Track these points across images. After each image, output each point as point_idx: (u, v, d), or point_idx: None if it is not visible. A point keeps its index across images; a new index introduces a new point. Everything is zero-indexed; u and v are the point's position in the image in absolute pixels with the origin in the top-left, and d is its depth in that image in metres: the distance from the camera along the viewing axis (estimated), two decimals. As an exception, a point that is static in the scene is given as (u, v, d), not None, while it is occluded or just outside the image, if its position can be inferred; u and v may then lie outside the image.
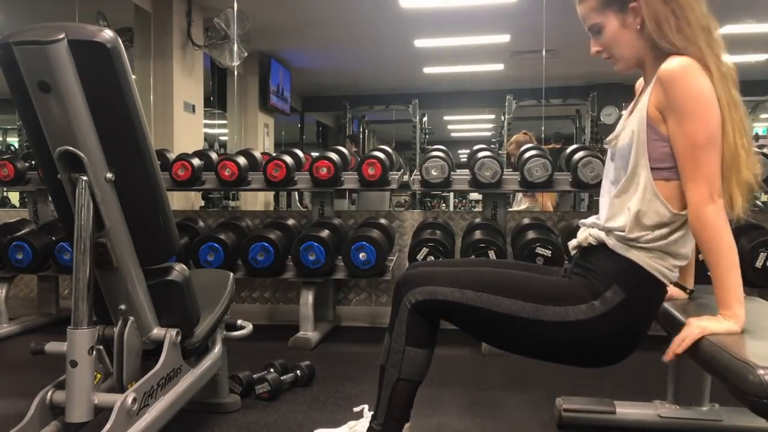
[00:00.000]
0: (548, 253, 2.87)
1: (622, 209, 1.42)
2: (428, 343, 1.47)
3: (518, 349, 1.51)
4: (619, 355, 1.45)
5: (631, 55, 1.44)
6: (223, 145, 8.40)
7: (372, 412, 1.53)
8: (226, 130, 8.06)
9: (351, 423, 1.82)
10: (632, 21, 1.40)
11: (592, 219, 1.52)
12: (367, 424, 1.56)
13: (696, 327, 1.30)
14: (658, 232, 1.38)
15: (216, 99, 7.31)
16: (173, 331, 1.69)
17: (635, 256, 1.39)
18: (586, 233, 1.48)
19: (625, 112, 1.50)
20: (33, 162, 3.63)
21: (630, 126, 1.43)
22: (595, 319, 1.38)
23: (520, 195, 4.56)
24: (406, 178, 3.69)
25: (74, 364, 1.49)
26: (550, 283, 1.46)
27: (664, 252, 1.39)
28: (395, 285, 1.51)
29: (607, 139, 1.53)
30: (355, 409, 1.93)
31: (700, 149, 1.32)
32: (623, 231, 1.40)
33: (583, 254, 1.49)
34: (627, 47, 1.43)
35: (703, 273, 1.50)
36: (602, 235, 1.44)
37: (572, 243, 1.52)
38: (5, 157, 3.68)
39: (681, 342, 1.30)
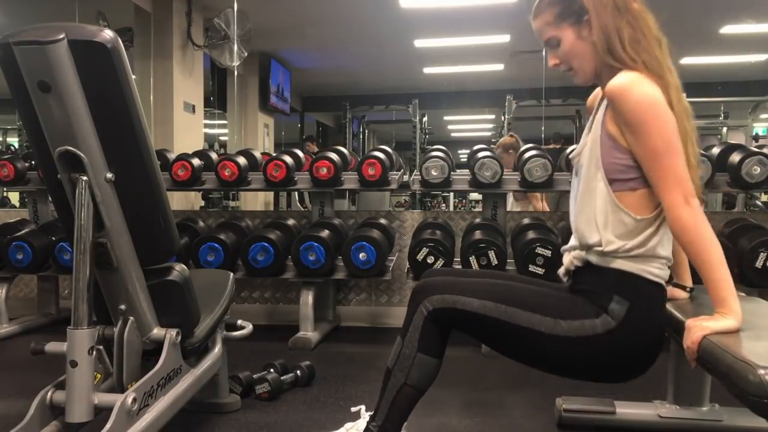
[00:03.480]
0: (548, 253, 2.87)
1: (590, 225, 1.43)
2: (439, 353, 1.47)
3: (538, 363, 1.52)
4: (644, 364, 1.46)
5: (589, 67, 1.46)
6: (223, 145, 8.39)
7: (369, 413, 1.53)
8: (226, 130, 8.05)
9: (348, 425, 1.82)
10: (587, 33, 1.42)
11: (570, 243, 1.53)
12: (364, 425, 1.56)
13: (697, 329, 1.30)
14: (633, 242, 1.39)
15: (216, 99, 7.31)
16: (173, 331, 1.69)
17: (621, 264, 1.40)
18: (570, 257, 1.50)
19: (587, 126, 1.51)
20: (33, 162, 3.63)
21: (588, 141, 1.45)
22: (613, 332, 1.39)
23: (510, 199, 4.49)
24: (406, 178, 3.68)
25: (74, 364, 1.49)
26: (565, 299, 1.46)
27: (645, 257, 1.40)
28: (413, 290, 1.51)
29: (571, 155, 1.54)
30: (353, 409, 1.93)
31: (662, 156, 1.33)
32: (600, 246, 1.41)
33: (575, 277, 1.50)
34: (584, 59, 1.45)
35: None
36: (583, 254, 1.45)
37: (561, 271, 1.53)
38: (5, 157, 3.69)
39: (692, 348, 1.30)
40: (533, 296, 1.46)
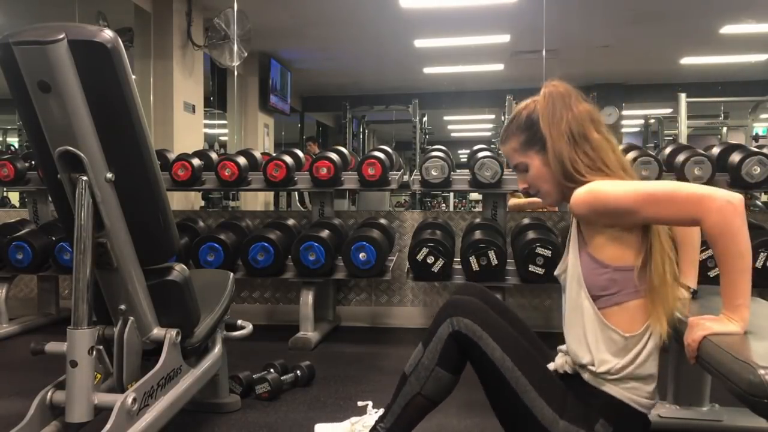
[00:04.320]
0: (548, 253, 2.87)
1: (581, 345, 1.42)
2: (457, 370, 1.47)
3: None
4: None
5: (555, 190, 1.47)
6: (223, 145, 8.39)
7: (376, 410, 1.53)
8: (226, 130, 8.06)
9: (353, 419, 1.82)
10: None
11: (566, 346, 1.50)
12: (371, 422, 1.55)
13: (700, 328, 1.30)
14: (623, 361, 1.37)
15: (216, 99, 7.31)
16: (173, 331, 1.69)
17: (611, 389, 1.39)
18: (563, 360, 1.48)
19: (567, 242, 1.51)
20: (33, 162, 3.63)
21: (569, 261, 1.45)
22: None
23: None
24: (406, 178, 3.68)
25: (74, 364, 1.49)
26: (566, 396, 1.43)
27: (634, 379, 1.39)
28: (448, 300, 1.50)
29: (556, 272, 1.54)
30: (360, 404, 1.93)
31: (657, 196, 1.31)
32: (593, 366, 1.40)
33: (566, 380, 1.47)
34: (550, 184, 1.46)
35: (703, 273, 1.49)
36: (576, 367, 1.44)
37: (551, 366, 1.50)
38: (5, 157, 3.68)
39: (692, 345, 1.30)
40: (546, 378, 1.44)
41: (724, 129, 7.84)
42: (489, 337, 1.41)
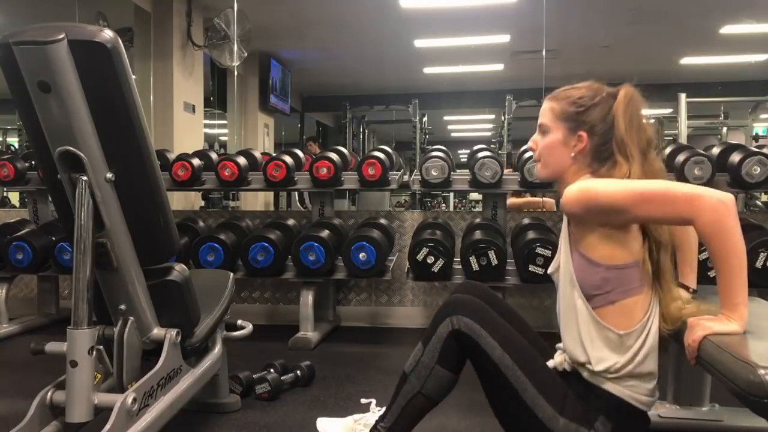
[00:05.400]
0: (548, 253, 2.87)
1: (577, 345, 1.42)
2: (457, 368, 1.47)
3: None
4: None
5: (556, 169, 1.48)
6: (223, 145, 8.39)
7: (379, 408, 1.53)
8: (226, 130, 8.05)
9: (356, 416, 1.82)
10: (573, 145, 1.44)
11: (563, 344, 1.51)
12: (372, 420, 1.56)
13: (700, 328, 1.30)
14: (622, 359, 1.37)
15: (216, 99, 7.31)
16: (173, 331, 1.69)
17: (611, 387, 1.39)
18: (562, 358, 1.48)
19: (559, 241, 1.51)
20: (33, 162, 3.63)
21: (561, 260, 1.45)
22: None
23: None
24: (406, 178, 3.68)
25: (74, 364, 1.49)
26: (567, 395, 1.43)
27: (634, 377, 1.39)
28: (448, 299, 1.51)
29: (549, 270, 1.54)
30: (363, 401, 1.93)
31: (650, 195, 1.31)
32: (591, 365, 1.40)
33: (566, 377, 1.47)
34: (556, 161, 1.47)
35: (703, 273, 1.49)
36: (575, 366, 1.44)
37: (550, 363, 1.50)
38: (5, 157, 3.68)
39: (692, 346, 1.30)
40: (546, 376, 1.44)
41: (724, 129, 7.84)
42: (488, 336, 1.41)
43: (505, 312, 1.59)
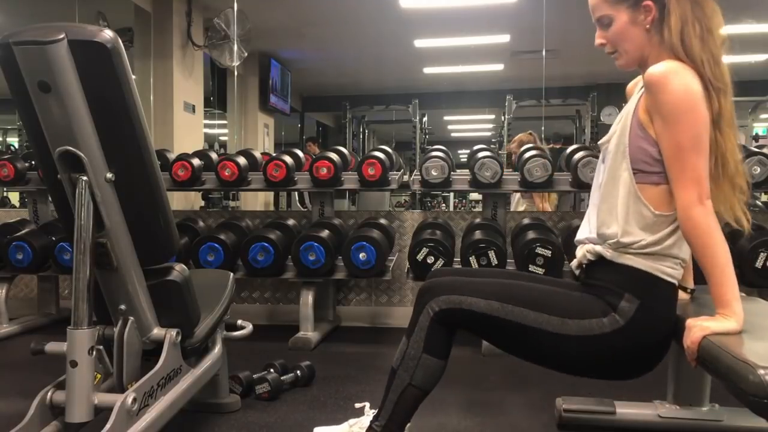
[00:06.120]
0: (548, 253, 2.87)
1: (611, 214, 1.42)
2: (444, 354, 1.47)
3: (545, 362, 1.51)
4: (652, 361, 1.46)
5: (635, 53, 1.44)
6: (223, 145, 8.39)
7: (373, 411, 1.53)
8: (226, 130, 8.05)
9: (351, 420, 1.82)
10: (643, 19, 1.40)
11: (584, 234, 1.52)
12: (368, 422, 1.55)
13: (698, 329, 1.30)
14: (650, 239, 1.38)
15: (216, 99, 7.31)
16: (173, 331, 1.69)
17: (634, 261, 1.40)
18: (583, 251, 1.49)
19: (619, 114, 1.51)
20: (33, 162, 3.63)
21: (617, 129, 1.44)
22: (621, 330, 1.39)
23: (517, 196, 4.53)
24: (406, 178, 3.68)
25: (74, 364, 1.49)
26: (572, 298, 1.45)
27: (660, 255, 1.40)
28: (419, 291, 1.51)
29: (601, 141, 1.54)
30: (357, 405, 1.93)
31: (686, 152, 1.32)
32: (615, 237, 1.40)
33: (587, 271, 1.49)
34: (633, 44, 1.43)
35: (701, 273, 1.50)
36: (598, 248, 1.44)
37: (573, 264, 1.52)
38: (5, 157, 3.68)
39: (692, 347, 1.30)
40: (540, 295, 1.46)
41: (724, 129, 7.83)
42: (468, 296, 1.43)
43: (477, 273, 1.63)
